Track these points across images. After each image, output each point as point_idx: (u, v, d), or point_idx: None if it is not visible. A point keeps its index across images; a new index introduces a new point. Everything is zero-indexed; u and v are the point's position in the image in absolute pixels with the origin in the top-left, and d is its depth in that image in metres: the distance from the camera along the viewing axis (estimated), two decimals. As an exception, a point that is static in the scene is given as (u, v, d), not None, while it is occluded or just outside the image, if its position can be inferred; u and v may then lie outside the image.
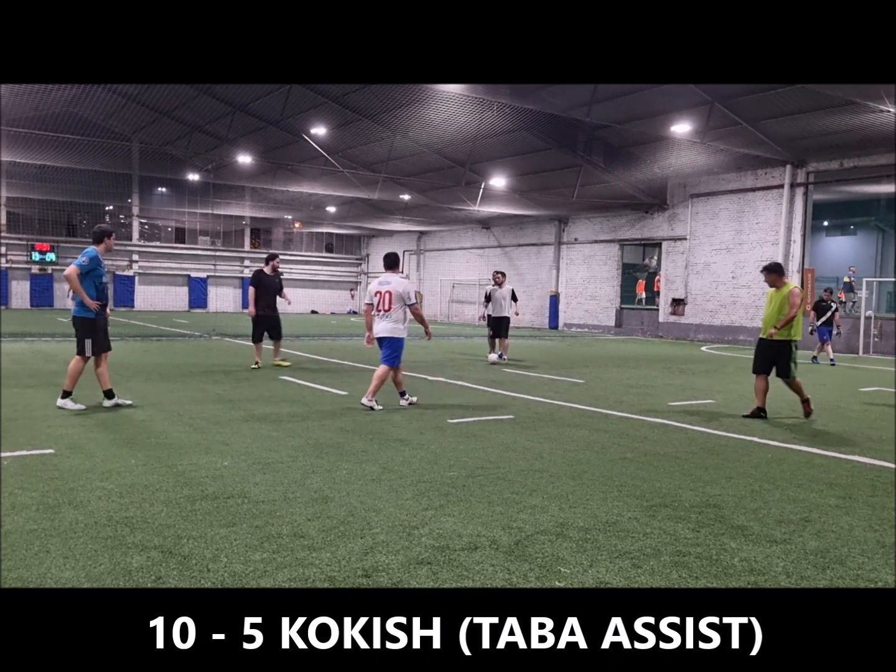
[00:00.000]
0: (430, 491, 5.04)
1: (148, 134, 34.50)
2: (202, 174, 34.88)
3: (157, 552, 3.73)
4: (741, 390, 11.41)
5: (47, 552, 3.69)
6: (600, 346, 22.77)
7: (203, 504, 4.58)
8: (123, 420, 7.40)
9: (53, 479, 5.06)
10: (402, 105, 23.68)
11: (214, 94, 28.51)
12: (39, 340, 17.30)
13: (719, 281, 26.73)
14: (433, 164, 30.73)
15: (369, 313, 8.98)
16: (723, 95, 20.44)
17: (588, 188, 28.47)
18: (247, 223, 46.35)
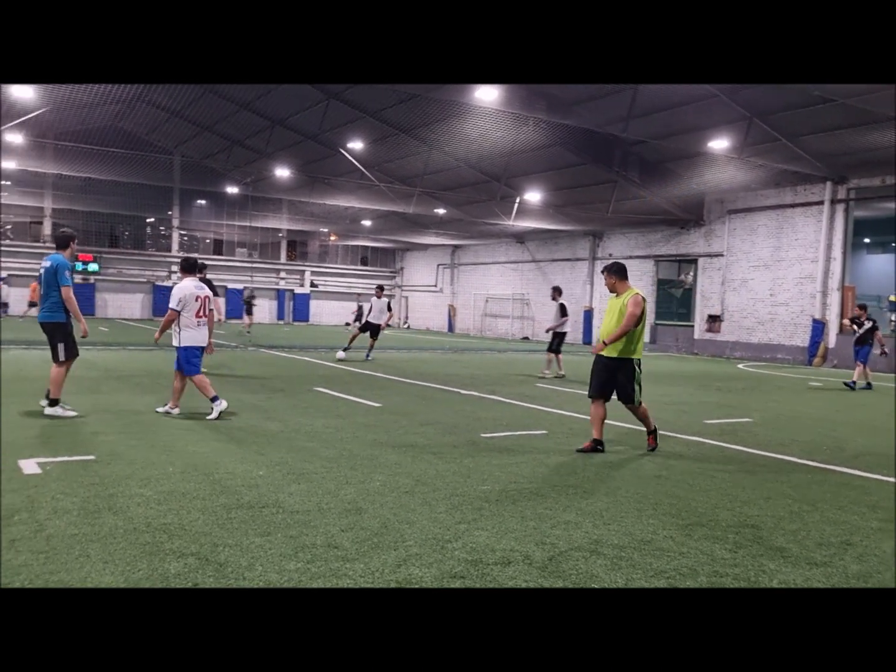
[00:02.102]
0: (463, 504, 5.04)
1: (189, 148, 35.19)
2: (241, 187, 35.43)
3: (194, 559, 3.78)
4: (779, 409, 11.26)
5: (87, 556, 3.76)
6: (635, 362, 22.55)
7: (239, 513, 4.63)
8: (162, 428, 7.51)
9: (94, 485, 5.15)
10: (439, 120, 23.84)
11: (254, 109, 28.99)
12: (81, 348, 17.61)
13: (757, 298, 26.40)
14: (468, 179, 30.87)
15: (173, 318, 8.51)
16: (761, 111, 20.26)
17: (623, 203, 28.35)
18: (283, 235, 46.90)
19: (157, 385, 11.02)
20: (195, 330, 8.53)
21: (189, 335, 8.49)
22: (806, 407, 11.73)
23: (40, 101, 21.46)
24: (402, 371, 15.06)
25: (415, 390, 12.02)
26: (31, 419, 7.67)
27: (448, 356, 21.61)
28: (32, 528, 4.18)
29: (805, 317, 24.69)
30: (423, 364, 17.67)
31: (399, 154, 29.68)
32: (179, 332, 8.48)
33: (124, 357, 15.90)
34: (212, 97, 28.38)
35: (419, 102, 22.76)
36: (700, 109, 20.39)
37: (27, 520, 4.31)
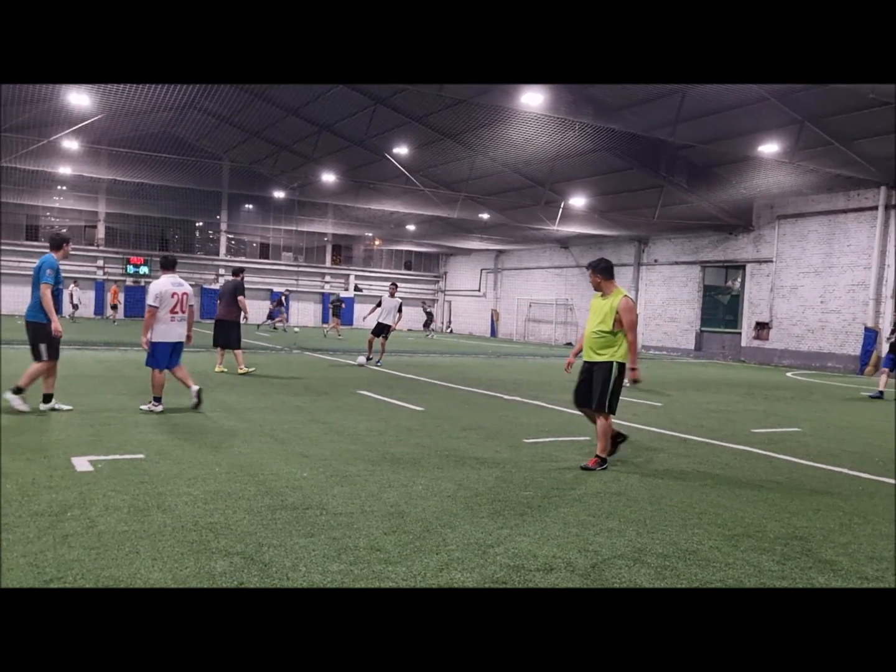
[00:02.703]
0: (505, 510, 5.04)
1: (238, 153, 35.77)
2: (288, 192, 35.93)
3: (240, 558, 3.84)
4: (829, 419, 11.01)
5: (137, 553, 3.84)
6: (679, 369, 22.29)
7: (283, 513, 4.69)
8: (208, 428, 7.65)
9: (143, 483, 5.27)
10: (484, 125, 23.86)
11: (302, 115, 29.36)
12: (132, 349, 18.02)
13: (807, 305, 25.86)
14: (513, 184, 30.82)
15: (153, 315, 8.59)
16: (813, 114, 19.86)
17: (669, 209, 28.03)
18: (329, 240, 47.37)
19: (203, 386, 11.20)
20: (167, 325, 8.65)
21: (160, 330, 8.62)
22: (857, 417, 11.44)
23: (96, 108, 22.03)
24: (445, 375, 15.09)
25: (458, 395, 12.03)
26: (82, 417, 7.87)
27: (491, 361, 21.59)
28: (84, 524, 4.29)
29: (857, 325, 24.10)
30: (466, 368, 17.68)
31: (444, 159, 29.78)
32: (153, 327, 8.64)
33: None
34: (260, 103, 28.83)
35: (465, 107, 22.82)
36: (750, 113, 20.06)
37: (79, 516, 4.43)
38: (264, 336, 28.46)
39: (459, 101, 22.01)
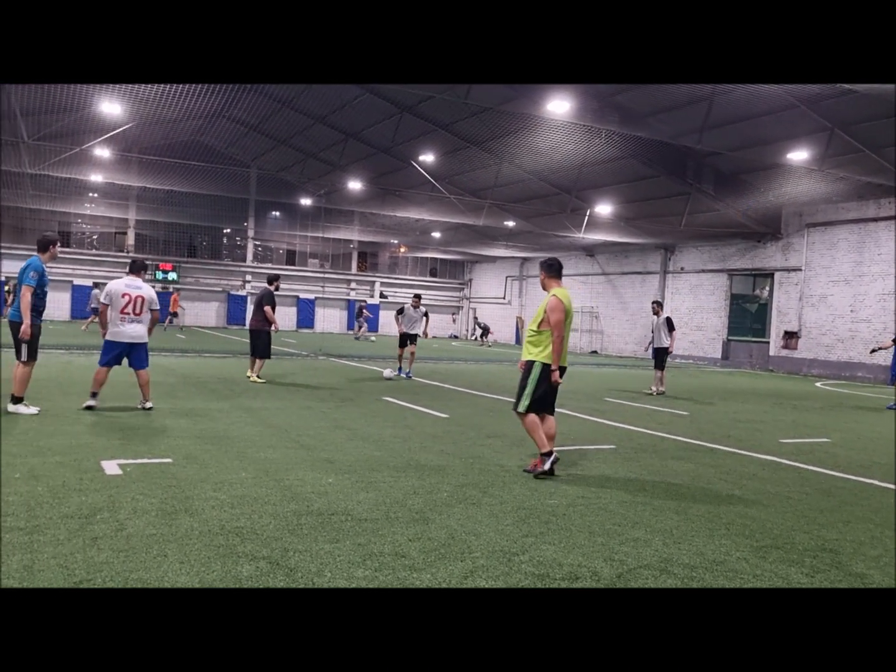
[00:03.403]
0: (529, 518, 5.02)
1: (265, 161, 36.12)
2: (314, 199, 36.20)
3: (266, 563, 3.86)
4: (859, 429, 10.84)
5: (165, 556, 3.88)
6: (706, 377, 22.09)
7: (308, 519, 4.72)
8: (235, 434, 7.71)
9: (171, 487, 5.32)
10: (510, 132, 23.88)
11: (329, 123, 29.58)
12: (159, 355, 18.25)
13: (836, 314, 25.53)
14: (538, 191, 30.81)
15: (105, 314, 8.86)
16: (843, 121, 19.64)
17: (696, 216, 27.84)
18: (354, 247, 47.61)
19: (231, 391, 11.32)
20: (115, 326, 8.79)
21: (110, 330, 8.83)
22: (887, 428, 11.26)
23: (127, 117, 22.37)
24: (470, 383, 15.08)
25: (482, 402, 12.02)
26: (111, 421, 7.97)
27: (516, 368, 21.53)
28: (113, 527, 4.34)
29: (887, 335, 23.70)
30: (490, 376, 17.66)
31: (470, 166, 29.84)
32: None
33: (200, 363, 16.38)
34: (288, 111, 29.10)
35: (491, 115, 22.87)
36: (778, 120, 19.89)
37: (108, 519, 4.49)
38: (291, 342, 28.64)
39: (485, 108, 22.05)
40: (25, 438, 6.83)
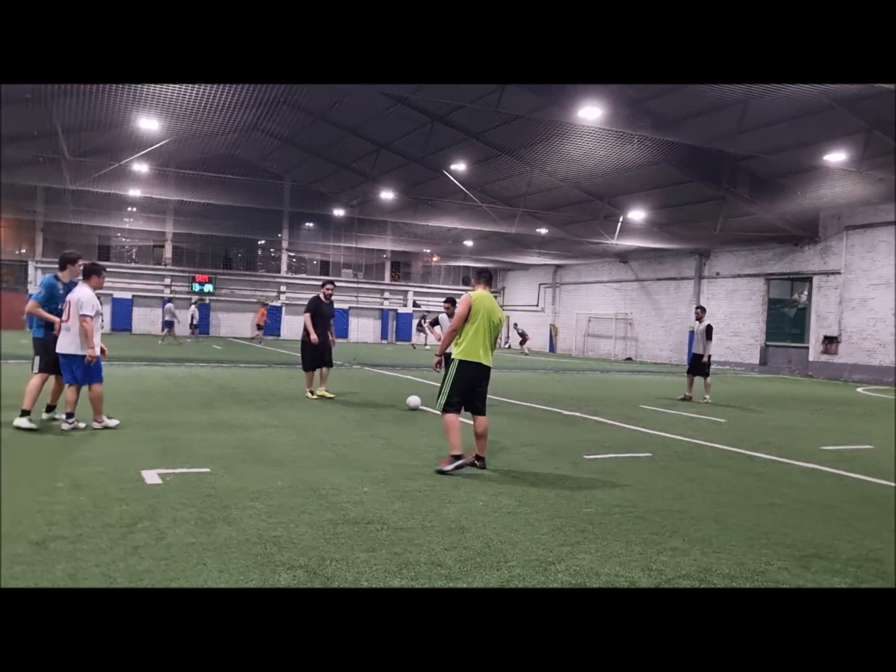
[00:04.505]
0: (566, 526, 4.99)
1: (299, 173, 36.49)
2: (347, 210, 36.46)
3: (303, 572, 3.89)
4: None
5: (204, 565, 3.93)
6: (744, 384, 21.78)
7: (345, 528, 4.74)
8: (271, 444, 7.78)
9: (209, 497, 5.39)
10: (542, 140, 23.86)
11: (361, 134, 29.82)
12: (196, 365, 18.50)
13: (878, 318, 25.02)
14: (571, 198, 30.71)
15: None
16: (881, 121, 19.28)
17: (732, 221, 27.52)
18: (387, 256, 47.87)
19: (266, 401, 11.43)
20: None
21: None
22: (934, 434, 10.99)
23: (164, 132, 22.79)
24: (504, 391, 15.04)
25: (517, 410, 11.99)
26: (151, 432, 8.09)
27: (550, 376, 21.46)
28: (154, 535, 4.41)
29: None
30: (524, 384, 17.61)
31: (501, 175, 29.85)
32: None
33: (236, 374, 16.57)
34: (322, 123, 29.39)
35: (522, 123, 22.88)
36: (814, 122, 19.61)
37: (149, 528, 4.56)
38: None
39: (516, 116, 22.08)
40: (67, 449, 6.97)
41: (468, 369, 6.77)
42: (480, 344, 6.80)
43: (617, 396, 15.15)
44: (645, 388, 18.25)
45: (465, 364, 6.76)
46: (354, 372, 19.38)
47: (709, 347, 15.23)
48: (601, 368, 27.07)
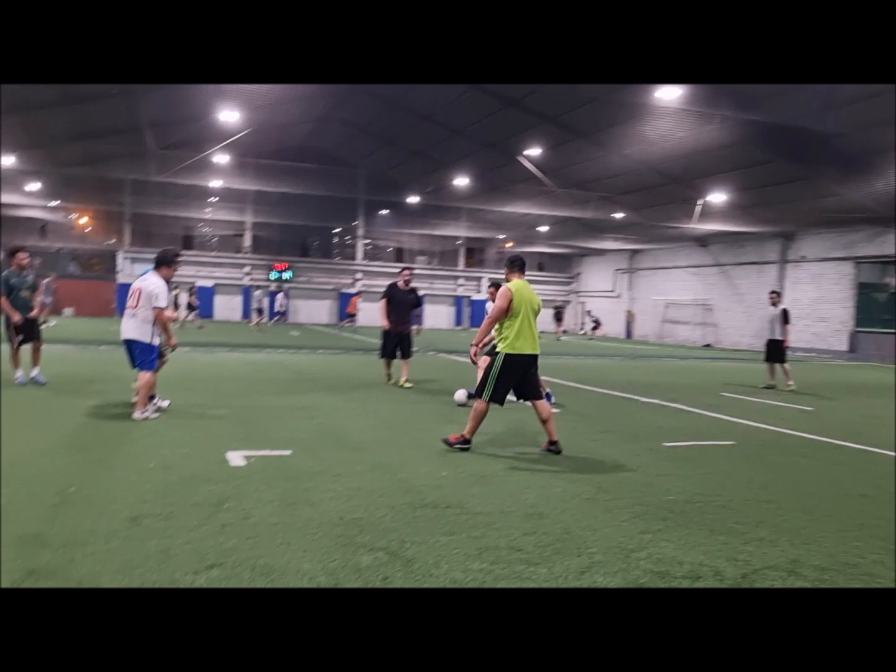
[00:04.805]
0: (646, 514, 4.91)
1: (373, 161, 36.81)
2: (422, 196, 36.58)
3: (384, 554, 3.94)
4: None
5: (288, 545, 4.03)
6: (831, 371, 20.98)
7: (424, 511, 4.78)
8: (349, 428, 7.90)
9: (291, 478, 5.51)
10: (618, 122, 23.43)
11: (435, 121, 29.85)
12: (276, 351, 18.93)
13: (978, 303, 23.69)
14: (648, 181, 30.05)
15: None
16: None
17: (818, 202, 26.44)
18: (461, 243, 47.89)
19: (344, 386, 11.61)
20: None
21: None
22: None
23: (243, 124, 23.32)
24: (581, 377, 14.89)
25: (593, 397, 11.85)
26: (236, 415, 8.31)
27: (627, 363, 21.13)
28: (240, 515, 4.54)
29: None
30: (600, 371, 17.39)
31: (577, 159, 29.44)
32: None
33: (315, 360, 16.89)
34: (395, 111, 29.56)
35: (598, 105, 22.49)
36: (909, 96, 18.62)
37: (235, 507, 4.69)
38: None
39: (592, 99, 21.70)
40: (158, 430, 7.24)
41: (515, 363, 6.73)
42: (526, 335, 6.75)
43: (696, 384, 14.80)
44: (725, 375, 17.77)
45: (512, 358, 6.71)
46: (429, 358, 19.50)
47: (786, 332, 14.72)
48: (679, 355, 26.49)
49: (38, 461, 5.77)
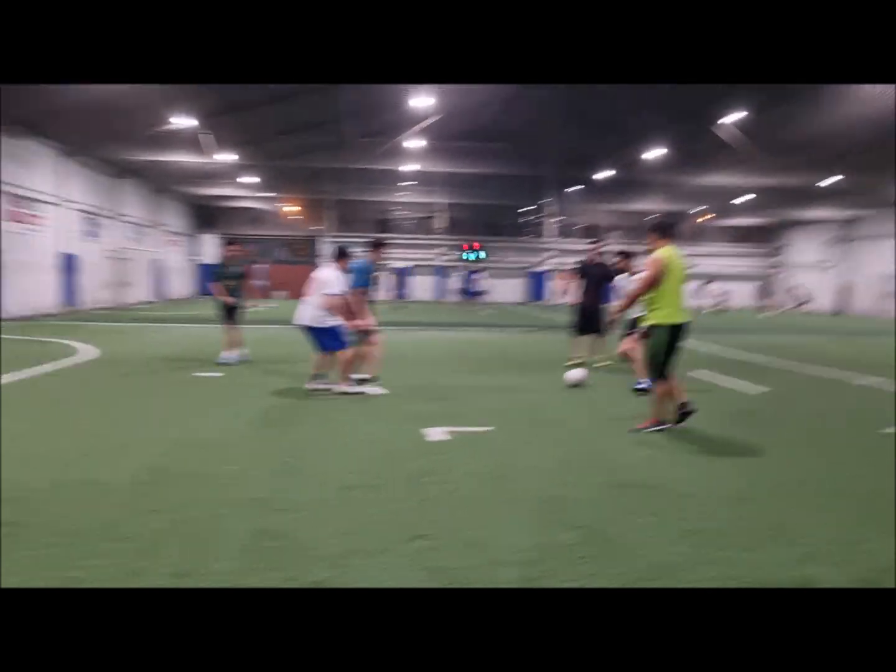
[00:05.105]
0: (871, 506, 4.55)
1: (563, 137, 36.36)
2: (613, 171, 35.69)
3: (587, 531, 3.96)
4: None
5: (492, 519, 4.15)
6: None
7: (626, 491, 4.74)
8: (547, 406, 7.94)
9: (494, 454, 5.67)
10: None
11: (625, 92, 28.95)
12: (467, 330, 19.35)
13: None
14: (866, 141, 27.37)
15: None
16: None
17: None
18: (655, 217, 46.29)
19: (538, 363, 11.65)
20: None
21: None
22: None
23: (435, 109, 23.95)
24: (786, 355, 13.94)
25: (802, 377, 11.05)
26: (436, 392, 8.61)
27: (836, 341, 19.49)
28: (445, 488, 4.74)
29: None
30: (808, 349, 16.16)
31: (780, 122, 27.41)
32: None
33: (509, 339, 17.09)
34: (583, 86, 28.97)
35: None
36: None
37: (440, 481, 4.90)
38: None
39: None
40: (360, 406, 7.68)
41: (677, 332, 6.53)
42: (680, 303, 6.60)
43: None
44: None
45: (675, 328, 6.52)
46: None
47: None
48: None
49: (258, 433, 6.33)
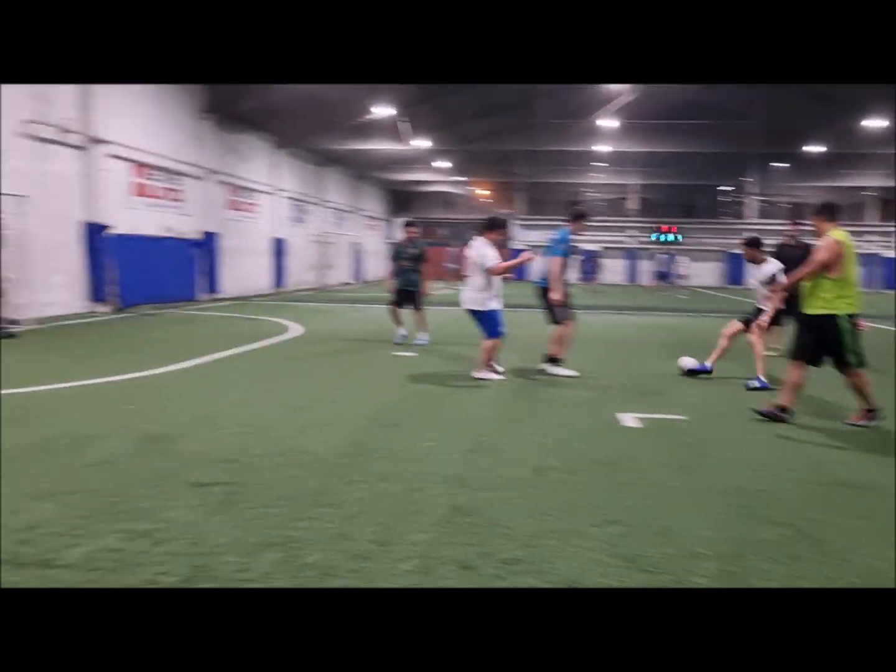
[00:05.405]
0: None
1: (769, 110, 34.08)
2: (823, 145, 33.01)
3: (791, 530, 3.76)
4: None
5: (687, 509, 4.05)
6: None
7: (834, 490, 4.46)
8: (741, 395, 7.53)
9: (688, 444, 5.50)
10: None
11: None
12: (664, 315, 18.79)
13: None
14: None
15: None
16: None
17: None
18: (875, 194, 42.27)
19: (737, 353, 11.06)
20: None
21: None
22: None
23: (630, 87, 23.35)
24: None
25: None
26: (625, 378, 8.46)
27: None
28: (637, 475, 4.68)
29: None
30: None
31: None
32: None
33: (704, 324, 16.40)
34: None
35: None
36: None
37: (632, 468, 4.83)
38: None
39: None
40: (554, 389, 7.71)
41: (853, 322, 6.05)
42: (857, 292, 6.08)
43: None
44: None
45: (856, 317, 6.06)
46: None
47: None
48: None
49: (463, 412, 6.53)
